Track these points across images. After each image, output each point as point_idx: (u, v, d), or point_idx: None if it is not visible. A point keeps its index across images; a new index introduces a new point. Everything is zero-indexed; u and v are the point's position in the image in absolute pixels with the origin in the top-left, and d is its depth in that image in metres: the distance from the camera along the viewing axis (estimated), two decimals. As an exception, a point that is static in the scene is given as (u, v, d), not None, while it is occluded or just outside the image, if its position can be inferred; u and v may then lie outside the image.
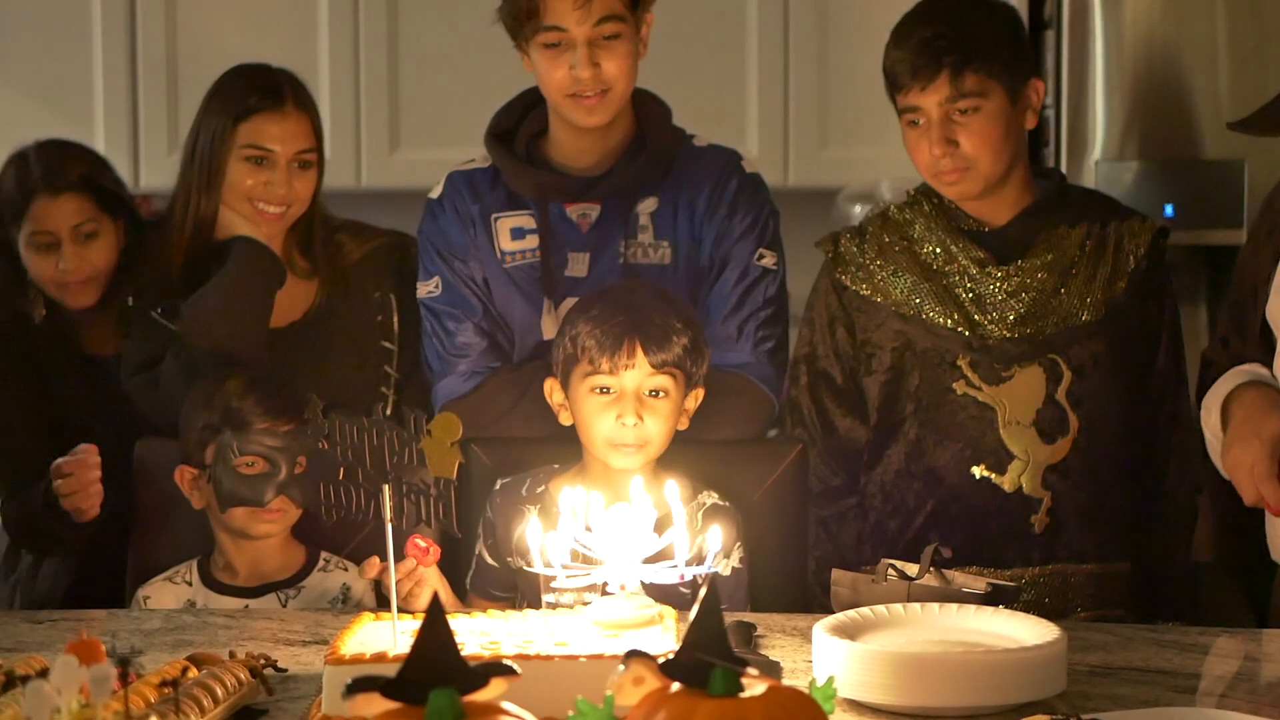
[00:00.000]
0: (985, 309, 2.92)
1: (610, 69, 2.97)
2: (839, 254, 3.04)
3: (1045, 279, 2.91)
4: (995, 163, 2.89)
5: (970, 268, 2.93)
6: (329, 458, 2.28)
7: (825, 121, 4.33)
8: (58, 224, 3.20)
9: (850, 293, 3.02)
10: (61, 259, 3.20)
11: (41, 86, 4.24)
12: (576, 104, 3.00)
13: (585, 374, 2.81)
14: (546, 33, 2.96)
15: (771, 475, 3.01)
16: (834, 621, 2.29)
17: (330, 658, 2.13)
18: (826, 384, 3.04)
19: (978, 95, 2.86)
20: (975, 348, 2.92)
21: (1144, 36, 3.99)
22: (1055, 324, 2.92)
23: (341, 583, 2.93)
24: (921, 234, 2.98)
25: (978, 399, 2.92)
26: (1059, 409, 2.91)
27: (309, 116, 3.17)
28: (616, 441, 2.80)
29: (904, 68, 2.88)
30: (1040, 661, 2.17)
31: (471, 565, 2.95)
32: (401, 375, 3.23)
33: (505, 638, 2.21)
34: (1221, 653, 2.49)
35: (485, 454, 3.02)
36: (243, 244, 3.12)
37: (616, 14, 2.96)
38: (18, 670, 2.14)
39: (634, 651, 1.79)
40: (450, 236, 3.10)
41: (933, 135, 2.87)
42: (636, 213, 3.07)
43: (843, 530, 3.03)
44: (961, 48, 2.85)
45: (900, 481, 2.98)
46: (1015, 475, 2.92)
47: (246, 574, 2.92)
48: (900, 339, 2.97)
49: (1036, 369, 2.91)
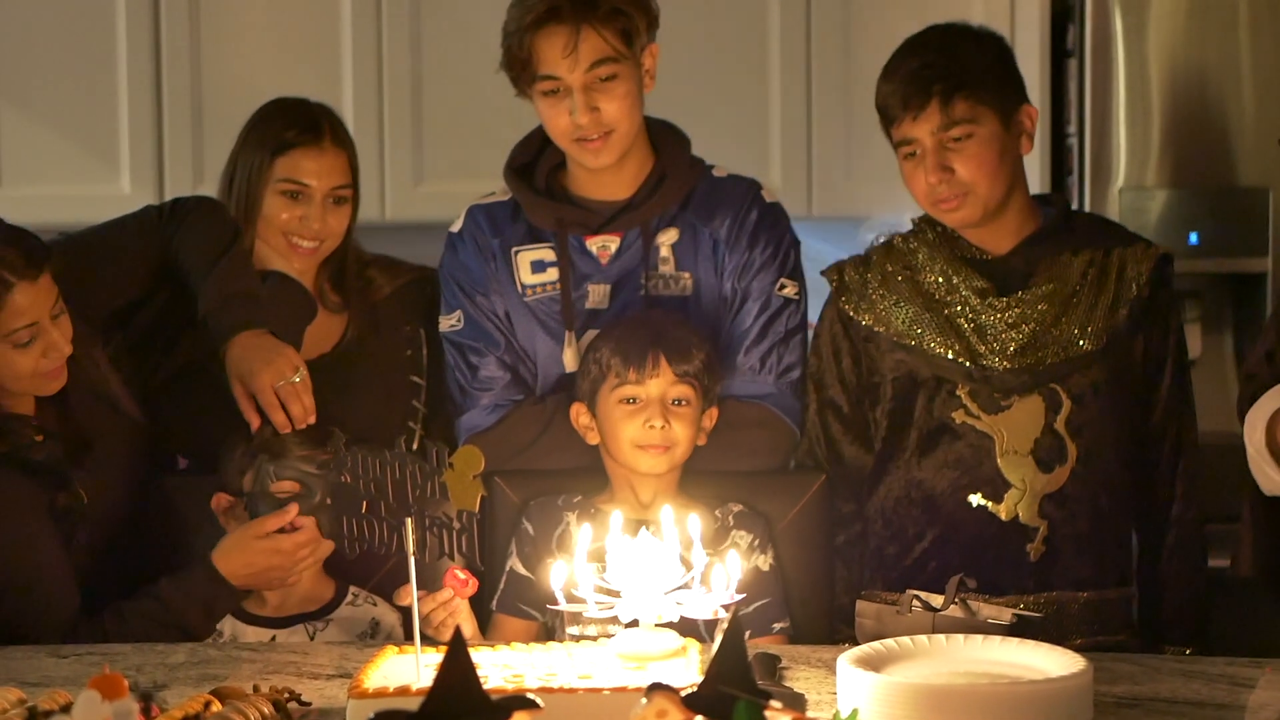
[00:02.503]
0: (986, 339, 2.92)
1: (610, 111, 2.98)
2: (844, 283, 3.05)
3: (1046, 310, 2.91)
4: (993, 187, 2.90)
5: (971, 298, 2.94)
6: (352, 491, 2.28)
7: (849, 152, 4.32)
8: (39, 311, 2.79)
9: (855, 323, 3.02)
10: (47, 348, 2.81)
11: (67, 123, 4.26)
12: (582, 148, 3.01)
13: (613, 387, 2.90)
14: (542, 81, 2.97)
15: (795, 506, 3.00)
16: (859, 653, 2.28)
17: (354, 691, 2.13)
18: (834, 412, 3.04)
19: (969, 121, 2.87)
20: (975, 378, 2.92)
21: (1167, 64, 3.99)
22: (1055, 354, 2.91)
23: (371, 617, 2.93)
24: (924, 262, 2.98)
25: (976, 428, 2.92)
26: (1057, 438, 2.91)
27: (346, 152, 3.19)
28: (644, 443, 2.87)
29: (895, 100, 2.90)
30: (1067, 693, 2.16)
31: (500, 584, 2.95)
32: (429, 409, 3.23)
33: (529, 670, 2.21)
34: (1250, 682, 2.47)
35: (508, 486, 3.02)
36: (276, 279, 3.12)
37: (608, 57, 2.96)
38: (41, 705, 2.14)
39: (657, 684, 1.79)
40: (471, 270, 3.10)
41: (928, 164, 2.88)
42: (657, 244, 3.07)
43: (852, 557, 3.03)
44: (950, 76, 2.86)
45: (900, 508, 2.98)
46: (1012, 504, 2.91)
47: (276, 605, 2.93)
48: (901, 369, 2.97)
49: (1036, 399, 2.91)
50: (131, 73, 4.23)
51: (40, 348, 2.79)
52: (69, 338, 2.82)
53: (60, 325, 2.81)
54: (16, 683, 2.32)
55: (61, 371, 2.84)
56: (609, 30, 2.95)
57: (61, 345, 2.80)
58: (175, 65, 4.22)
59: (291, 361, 2.89)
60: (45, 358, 2.80)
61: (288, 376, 2.87)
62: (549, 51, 2.95)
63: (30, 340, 2.78)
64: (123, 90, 4.23)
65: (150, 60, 4.23)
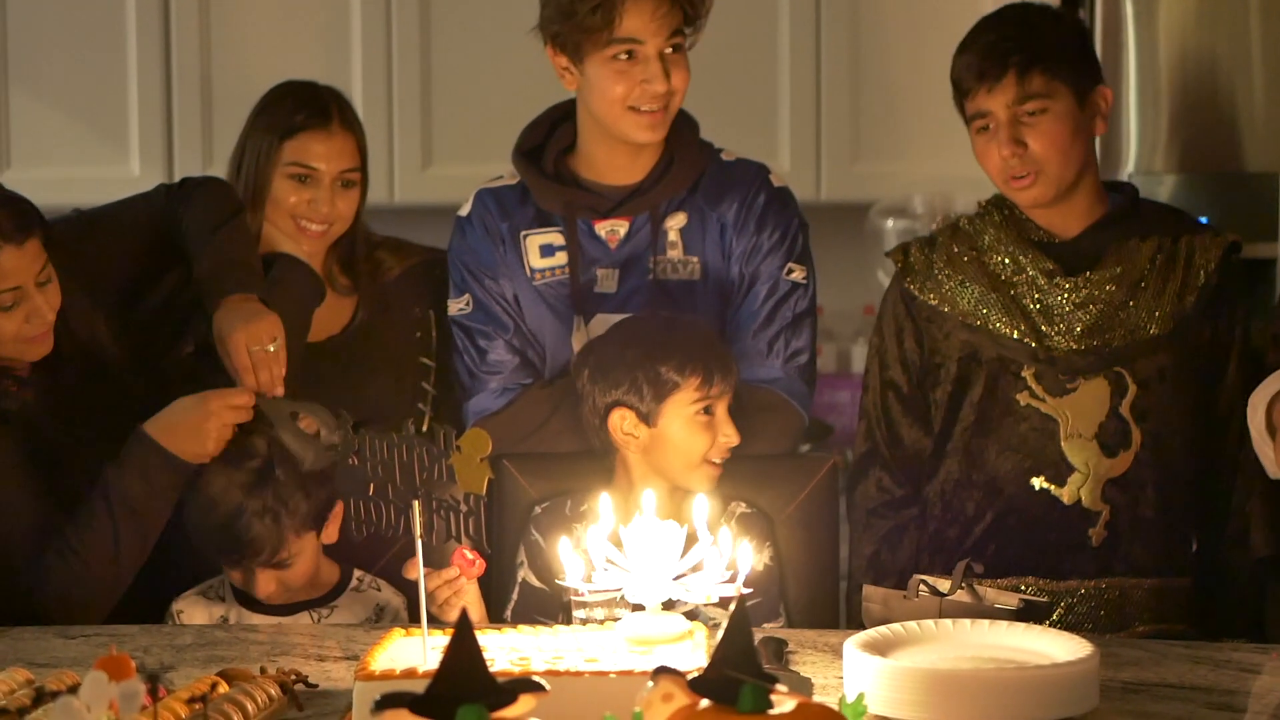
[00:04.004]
0: (1052, 320, 2.91)
1: (677, 81, 2.98)
2: (908, 263, 3.04)
3: (1113, 291, 2.90)
4: (1065, 165, 2.89)
5: (1038, 278, 2.93)
6: (359, 473, 2.28)
7: (857, 136, 4.32)
8: (24, 276, 2.81)
9: (919, 302, 3.01)
10: (30, 313, 2.82)
11: (77, 105, 4.26)
12: (637, 119, 2.98)
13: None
14: (618, 45, 2.95)
15: (803, 491, 3.00)
16: (865, 638, 2.28)
17: (360, 673, 2.13)
18: (894, 393, 3.03)
19: (1044, 96, 2.86)
20: (1041, 359, 2.91)
21: (1178, 49, 3.97)
22: (1122, 336, 2.90)
23: (375, 602, 2.93)
24: (990, 244, 2.98)
25: (1041, 410, 2.91)
26: (1122, 422, 2.90)
27: (354, 136, 3.18)
28: (712, 457, 2.86)
29: (971, 72, 2.89)
30: (1072, 678, 2.15)
31: (513, 595, 2.95)
32: (439, 391, 3.23)
33: (535, 653, 2.21)
34: (1257, 668, 2.47)
35: (516, 469, 3.02)
36: (284, 261, 3.12)
37: (681, 28, 2.97)
38: (48, 686, 2.15)
39: (663, 668, 1.79)
40: (480, 254, 3.10)
41: (1001, 137, 2.88)
42: (665, 228, 3.06)
43: (903, 542, 3.02)
44: (1027, 49, 2.86)
45: (960, 491, 2.97)
46: (1075, 488, 2.91)
47: (280, 591, 2.92)
48: (966, 349, 2.96)
49: (1101, 381, 2.90)
50: (141, 55, 4.23)
51: (24, 312, 2.80)
52: (55, 306, 2.83)
53: (47, 293, 2.82)
54: (24, 663, 2.32)
55: (46, 338, 2.84)
56: (685, 4, 2.95)
57: (45, 311, 2.81)
58: (185, 48, 4.22)
59: (270, 330, 2.87)
60: (28, 323, 2.81)
61: (263, 343, 2.86)
62: (637, 16, 2.92)
63: (14, 304, 2.79)
64: (132, 72, 4.23)
65: (160, 43, 4.23)
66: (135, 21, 4.25)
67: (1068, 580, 2.89)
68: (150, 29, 4.23)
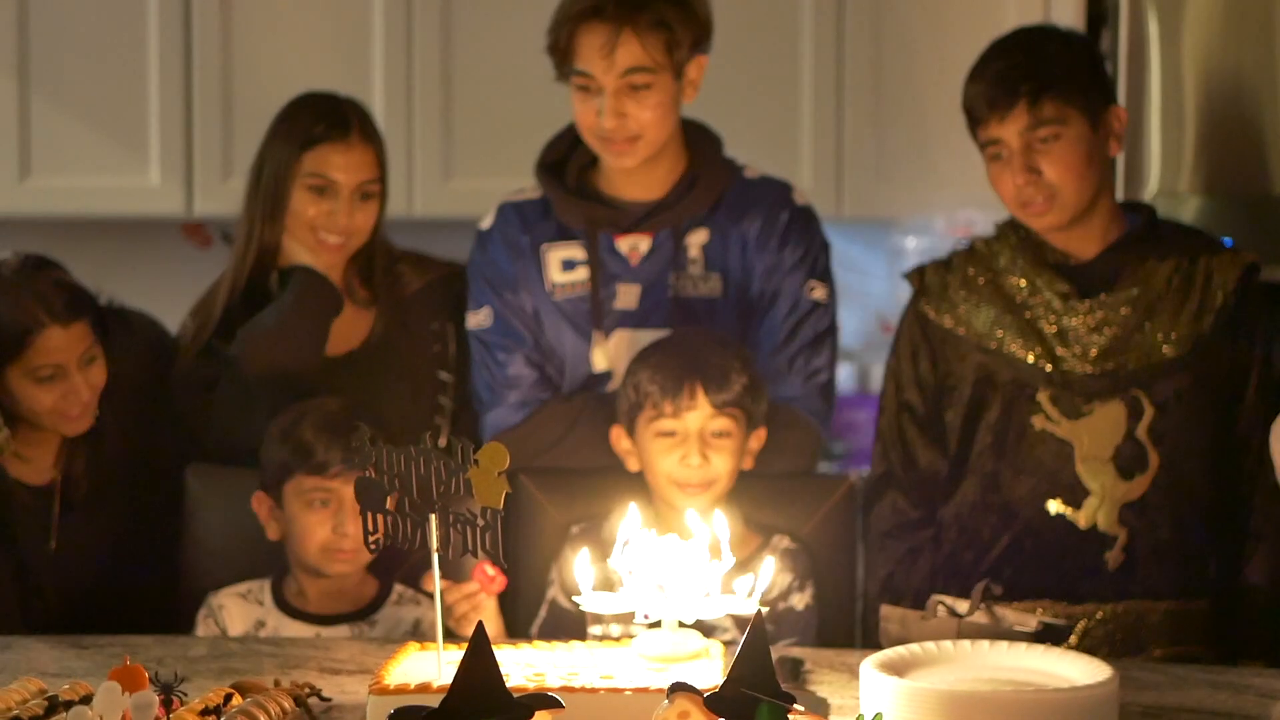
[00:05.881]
0: (1068, 343, 2.90)
1: (641, 117, 2.97)
2: (924, 285, 3.03)
3: (1129, 314, 2.89)
4: (1080, 189, 2.88)
5: (1054, 301, 2.92)
6: (376, 486, 2.27)
7: (880, 154, 4.30)
8: (66, 355, 2.90)
9: (934, 325, 3.00)
10: (66, 391, 2.91)
11: (97, 114, 4.25)
12: (606, 147, 3.01)
13: (650, 419, 2.86)
14: (577, 76, 2.97)
15: (821, 510, 2.99)
16: (882, 658, 2.27)
17: (374, 688, 2.13)
18: (910, 414, 3.02)
19: (1057, 122, 2.85)
20: (1056, 382, 2.90)
21: (1203, 69, 3.95)
22: (1138, 359, 2.89)
23: (415, 616, 2.91)
24: (1006, 266, 2.97)
25: (1056, 433, 2.89)
26: (1139, 446, 2.88)
27: (374, 148, 3.18)
28: (682, 481, 2.81)
29: (982, 101, 2.88)
30: (1091, 701, 2.14)
31: (541, 613, 2.93)
32: (457, 405, 3.23)
33: (550, 669, 2.20)
34: (1277, 694, 2.45)
35: (534, 484, 3.02)
36: (301, 273, 3.12)
37: (644, 66, 2.94)
38: (62, 696, 2.14)
39: (679, 685, 1.78)
40: (500, 267, 3.10)
41: (1015, 165, 2.87)
42: (686, 245, 3.06)
43: (918, 564, 3.00)
44: (1037, 76, 2.85)
45: (975, 514, 2.96)
46: (1091, 511, 2.89)
47: (319, 601, 2.92)
48: (981, 371, 2.95)
49: (1118, 404, 2.89)
50: (162, 64, 4.23)
51: (62, 389, 2.90)
52: (96, 387, 2.94)
53: (89, 373, 2.93)
54: (37, 673, 2.32)
55: (84, 415, 2.94)
56: (651, 39, 2.94)
57: (81, 391, 2.91)
58: (206, 57, 4.22)
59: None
60: (64, 400, 2.91)
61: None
62: (587, 48, 2.94)
63: (52, 377, 2.89)
64: (153, 82, 4.23)
65: (181, 52, 4.23)
66: (156, 31, 4.24)
67: (1084, 604, 2.87)
68: (171, 39, 4.23)
